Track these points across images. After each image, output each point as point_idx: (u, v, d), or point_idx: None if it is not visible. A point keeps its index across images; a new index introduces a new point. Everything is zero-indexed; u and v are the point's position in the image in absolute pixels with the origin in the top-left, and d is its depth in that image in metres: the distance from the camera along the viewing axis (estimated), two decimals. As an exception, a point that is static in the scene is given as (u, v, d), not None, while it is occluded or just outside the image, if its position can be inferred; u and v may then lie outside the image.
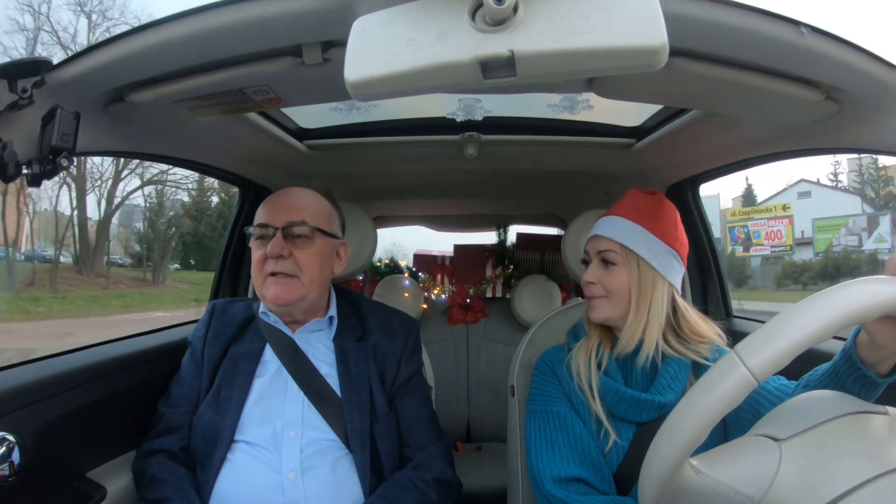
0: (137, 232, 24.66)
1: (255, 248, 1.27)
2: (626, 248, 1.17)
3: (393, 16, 0.72)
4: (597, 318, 1.19)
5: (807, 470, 0.62)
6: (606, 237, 1.19)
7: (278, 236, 1.23)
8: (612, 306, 1.18)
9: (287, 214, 1.26)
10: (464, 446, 2.59)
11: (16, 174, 0.92)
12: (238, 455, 1.17)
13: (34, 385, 1.11)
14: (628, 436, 1.14)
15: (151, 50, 0.95)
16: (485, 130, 1.83)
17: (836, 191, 30.33)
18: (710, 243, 2.02)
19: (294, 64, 1.00)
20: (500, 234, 3.09)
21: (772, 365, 0.62)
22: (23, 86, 0.89)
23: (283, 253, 1.22)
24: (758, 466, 0.65)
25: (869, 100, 1.04)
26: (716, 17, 0.84)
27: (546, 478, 1.11)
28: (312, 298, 1.29)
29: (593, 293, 1.19)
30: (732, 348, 0.65)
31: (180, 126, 1.34)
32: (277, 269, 1.23)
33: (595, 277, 1.19)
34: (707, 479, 0.66)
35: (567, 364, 1.21)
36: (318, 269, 1.27)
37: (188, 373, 1.30)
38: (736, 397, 0.63)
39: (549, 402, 1.20)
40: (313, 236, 1.27)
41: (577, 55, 0.66)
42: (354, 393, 1.25)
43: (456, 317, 2.76)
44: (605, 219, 1.23)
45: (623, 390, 1.14)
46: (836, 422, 0.67)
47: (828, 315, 0.63)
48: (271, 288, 1.24)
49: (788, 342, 0.62)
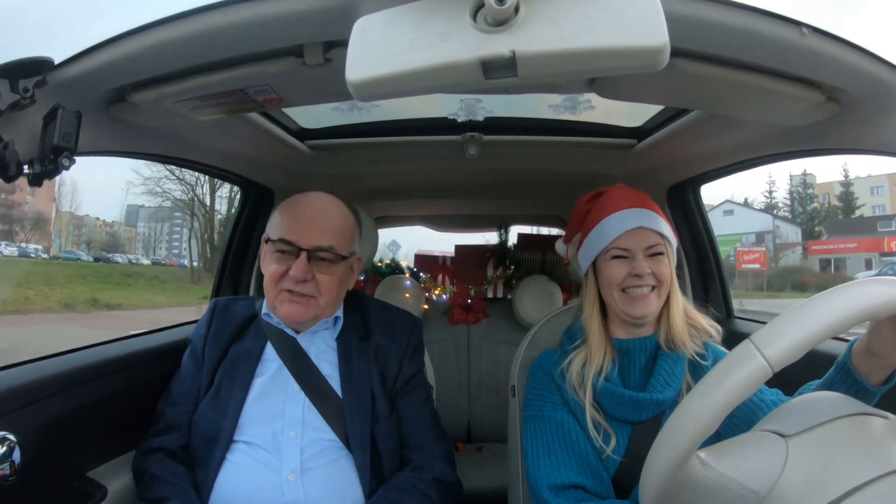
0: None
1: (273, 260, 1.23)
2: (666, 238, 1.17)
3: (394, 16, 0.72)
4: (650, 312, 1.15)
5: (813, 467, 0.62)
6: (652, 229, 1.17)
7: (303, 259, 1.20)
8: (659, 297, 1.16)
9: (314, 236, 1.22)
10: (464, 447, 2.59)
11: (17, 174, 0.93)
12: (237, 455, 1.17)
13: (35, 384, 1.11)
14: (625, 437, 1.13)
15: (153, 50, 0.95)
16: (486, 131, 1.83)
17: (752, 210, 35.80)
18: (711, 244, 2.02)
19: (295, 64, 1.00)
20: (501, 234, 3.09)
21: (788, 354, 0.62)
22: (24, 85, 0.89)
23: (307, 277, 1.20)
24: (765, 461, 0.65)
25: (870, 101, 1.04)
26: (717, 18, 0.85)
27: (543, 486, 1.10)
28: (325, 317, 1.29)
29: (647, 283, 1.15)
30: (748, 337, 0.65)
31: (182, 126, 1.34)
32: (297, 290, 1.21)
33: (649, 269, 1.15)
34: (713, 473, 0.66)
35: (564, 368, 1.19)
36: (335, 292, 1.26)
37: (188, 371, 1.30)
38: (751, 386, 0.63)
39: (546, 407, 1.19)
40: (338, 261, 1.25)
41: (579, 55, 0.66)
42: (356, 394, 1.24)
43: (457, 317, 2.76)
44: (633, 211, 1.18)
45: (622, 392, 1.13)
46: (841, 421, 0.67)
47: (845, 308, 0.63)
48: (286, 304, 1.22)
49: (806, 333, 0.62)
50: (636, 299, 1.15)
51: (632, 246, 1.16)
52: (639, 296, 1.15)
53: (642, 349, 1.19)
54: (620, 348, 1.19)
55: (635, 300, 1.15)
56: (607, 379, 1.15)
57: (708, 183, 1.97)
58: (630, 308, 1.15)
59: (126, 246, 36.25)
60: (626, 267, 1.16)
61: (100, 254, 30.50)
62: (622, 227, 1.17)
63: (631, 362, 1.18)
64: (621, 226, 1.17)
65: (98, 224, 35.66)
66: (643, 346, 1.19)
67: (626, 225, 1.17)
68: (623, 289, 1.16)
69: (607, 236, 1.18)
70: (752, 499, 0.63)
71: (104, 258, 29.05)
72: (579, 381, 1.16)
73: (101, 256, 29.54)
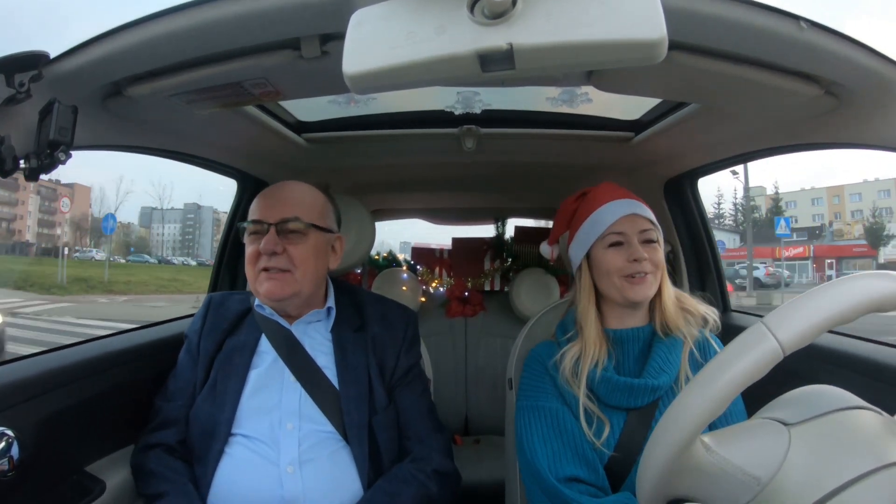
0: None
1: (249, 243, 1.27)
2: (655, 225, 1.22)
3: (391, 8, 0.72)
4: (649, 294, 1.19)
5: (814, 456, 0.63)
6: (644, 216, 1.21)
7: (272, 232, 1.22)
8: (657, 281, 1.20)
9: (280, 210, 1.25)
10: (462, 439, 2.60)
11: (13, 168, 0.92)
12: (235, 449, 1.18)
13: (33, 380, 1.11)
14: (619, 424, 1.14)
15: (149, 43, 0.95)
16: (483, 123, 1.83)
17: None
18: (708, 238, 2.02)
19: (292, 57, 1.00)
20: (498, 227, 3.09)
21: (801, 337, 0.62)
22: (20, 80, 0.89)
23: (277, 249, 1.22)
24: (767, 449, 0.65)
25: (868, 95, 1.04)
26: (715, 11, 0.85)
27: (547, 475, 1.10)
28: (306, 294, 1.28)
29: (645, 269, 1.17)
30: (761, 319, 0.65)
31: (178, 120, 1.34)
32: (270, 265, 1.22)
33: (646, 255, 1.17)
34: (717, 458, 0.66)
35: (557, 361, 1.20)
36: (311, 265, 1.26)
37: (184, 366, 1.30)
38: (762, 368, 0.63)
39: (540, 397, 1.20)
40: (307, 232, 1.26)
41: (576, 48, 0.66)
42: (353, 385, 1.25)
43: (454, 310, 2.77)
44: (625, 201, 1.22)
45: (616, 378, 1.14)
46: (842, 413, 0.67)
47: (857, 296, 0.64)
48: (264, 283, 1.23)
49: (818, 317, 0.63)
50: (636, 282, 1.17)
51: (627, 230, 1.19)
52: (639, 279, 1.17)
53: (636, 339, 1.20)
54: (615, 338, 1.20)
55: (635, 283, 1.17)
56: (603, 368, 1.16)
57: (705, 176, 1.97)
58: (630, 292, 1.17)
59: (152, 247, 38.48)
60: (623, 253, 1.18)
61: (161, 256, 33.87)
62: (617, 214, 1.20)
63: (625, 351, 1.20)
64: (615, 213, 1.20)
65: (119, 226, 37.60)
66: (637, 335, 1.20)
67: (620, 211, 1.20)
68: (623, 275, 1.18)
69: (603, 223, 1.20)
70: (754, 485, 0.64)
71: (165, 260, 32.75)
72: (573, 373, 1.17)
73: (162, 259, 33.04)
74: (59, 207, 35.34)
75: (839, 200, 48.59)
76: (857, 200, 46.75)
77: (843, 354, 1.32)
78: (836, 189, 49.39)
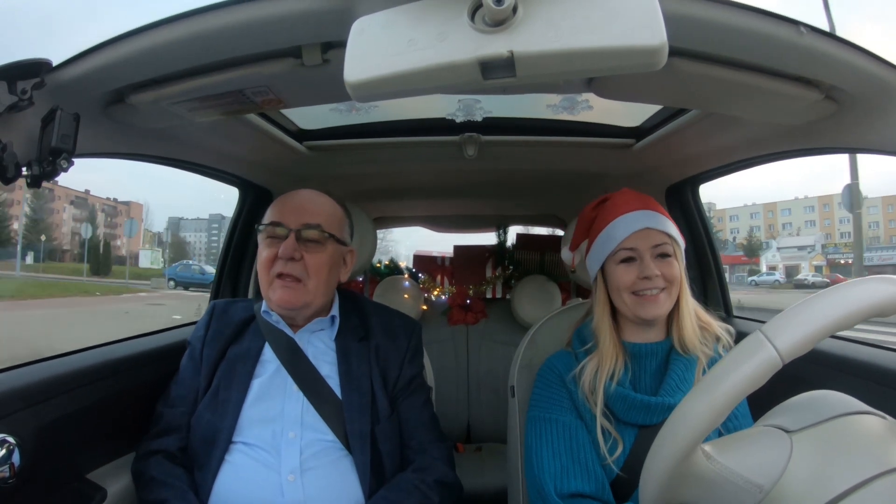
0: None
1: (265, 247, 1.26)
2: (673, 238, 1.18)
3: (392, 16, 0.72)
4: (661, 313, 1.16)
5: (816, 463, 0.62)
6: (659, 230, 1.17)
7: (291, 238, 1.22)
8: (670, 298, 1.16)
9: (302, 216, 1.25)
10: (464, 447, 2.59)
11: (15, 175, 0.92)
12: (236, 456, 1.17)
13: (34, 387, 1.11)
14: (630, 440, 1.13)
15: (151, 51, 0.95)
16: (484, 131, 1.83)
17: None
18: (710, 243, 2.02)
19: (294, 65, 1.00)
20: (499, 234, 3.09)
21: (799, 346, 0.62)
22: (22, 87, 0.89)
23: (295, 255, 1.22)
24: (769, 456, 0.65)
25: (868, 99, 1.04)
26: (715, 17, 0.85)
27: (551, 490, 1.09)
28: (316, 305, 1.28)
29: (657, 285, 1.14)
30: (759, 328, 0.65)
31: (180, 128, 1.34)
32: (286, 271, 1.22)
33: (657, 271, 1.14)
34: (718, 466, 0.65)
35: (576, 375, 1.18)
36: (325, 276, 1.26)
37: (187, 373, 1.29)
38: (761, 377, 0.62)
39: (553, 409, 1.19)
40: (326, 242, 1.26)
41: (577, 55, 0.66)
42: (355, 393, 1.24)
43: (456, 317, 2.76)
44: (639, 213, 1.18)
45: (633, 396, 1.13)
46: (844, 419, 0.67)
47: (855, 303, 0.63)
48: (278, 291, 1.23)
49: (817, 325, 0.62)
50: (646, 300, 1.15)
51: (639, 246, 1.16)
52: (649, 297, 1.15)
53: (654, 354, 1.18)
54: (632, 352, 1.19)
55: (646, 301, 1.15)
56: (619, 383, 1.14)
57: (706, 182, 1.97)
58: (641, 310, 1.15)
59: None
60: (634, 270, 1.16)
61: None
62: (629, 230, 1.17)
63: (642, 366, 1.18)
64: (628, 228, 1.17)
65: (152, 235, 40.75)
66: (655, 350, 1.18)
67: (632, 227, 1.17)
68: (633, 292, 1.16)
69: (614, 239, 1.18)
70: (756, 493, 0.63)
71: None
72: (591, 388, 1.15)
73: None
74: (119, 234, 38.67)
75: (773, 215, 58.84)
76: (787, 215, 57.22)
77: (851, 360, 1.32)
78: (770, 205, 59.85)
